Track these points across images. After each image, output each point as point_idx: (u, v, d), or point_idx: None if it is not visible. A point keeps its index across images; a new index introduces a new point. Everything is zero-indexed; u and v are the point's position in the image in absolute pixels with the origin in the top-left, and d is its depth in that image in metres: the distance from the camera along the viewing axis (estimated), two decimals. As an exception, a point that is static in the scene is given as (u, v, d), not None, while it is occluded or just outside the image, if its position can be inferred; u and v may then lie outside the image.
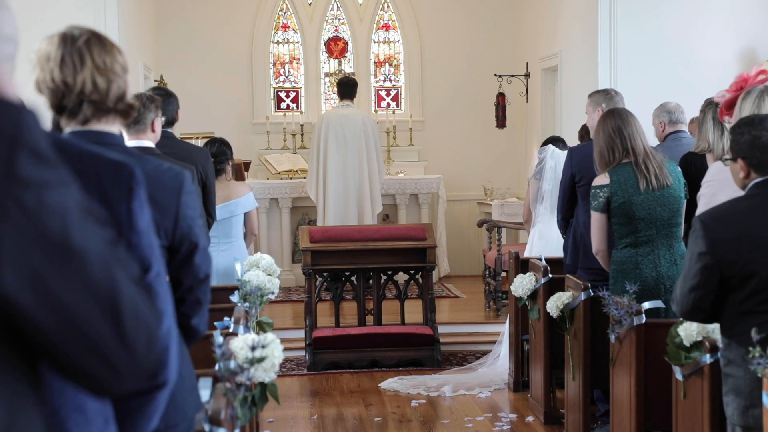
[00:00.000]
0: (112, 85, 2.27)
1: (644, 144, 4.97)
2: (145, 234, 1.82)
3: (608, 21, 8.42)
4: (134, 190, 1.80)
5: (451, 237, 11.24)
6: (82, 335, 1.26)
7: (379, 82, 11.93)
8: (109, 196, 1.76)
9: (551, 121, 10.20)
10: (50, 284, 1.23)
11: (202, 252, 2.71)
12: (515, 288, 6.13)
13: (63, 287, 1.24)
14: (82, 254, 1.26)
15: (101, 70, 2.24)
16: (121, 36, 7.90)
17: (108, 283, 1.28)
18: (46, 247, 1.23)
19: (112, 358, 1.29)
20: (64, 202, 1.26)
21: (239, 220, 6.24)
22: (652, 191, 4.89)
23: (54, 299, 1.24)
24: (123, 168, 1.80)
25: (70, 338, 1.26)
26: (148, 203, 1.86)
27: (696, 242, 3.25)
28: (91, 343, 1.27)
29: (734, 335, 3.23)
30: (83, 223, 1.28)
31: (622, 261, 4.94)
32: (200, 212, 2.82)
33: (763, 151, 3.24)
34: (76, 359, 1.27)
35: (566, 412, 5.63)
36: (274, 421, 6.20)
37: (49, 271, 1.23)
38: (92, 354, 1.27)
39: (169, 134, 5.54)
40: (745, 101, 4.04)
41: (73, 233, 1.26)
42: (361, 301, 8.00)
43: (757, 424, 3.15)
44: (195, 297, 2.69)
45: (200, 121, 10.81)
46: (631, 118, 4.99)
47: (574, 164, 5.66)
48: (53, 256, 1.24)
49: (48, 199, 1.24)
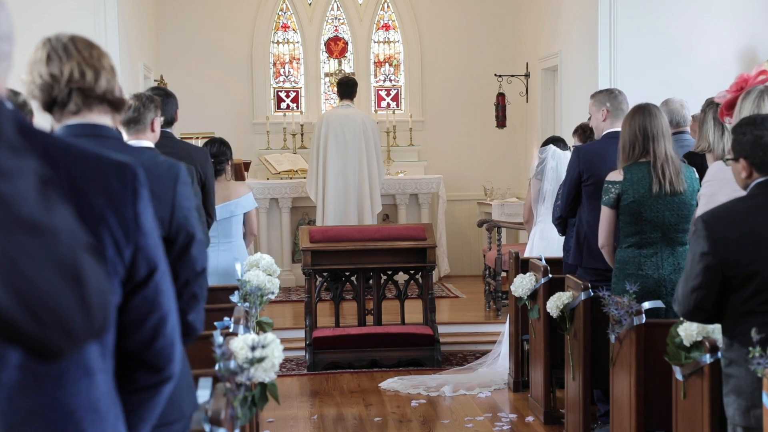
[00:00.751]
0: (100, 75, 2.29)
1: (666, 147, 4.90)
2: (150, 234, 1.84)
3: (608, 21, 8.42)
4: (139, 192, 1.81)
5: (451, 237, 11.24)
6: (46, 306, 1.30)
7: (379, 82, 11.93)
8: (116, 198, 1.77)
9: (551, 121, 10.20)
10: (19, 263, 1.28)
11: (199, 244, 2.72)
12: (515, 288, 6.13)
13: (30, 265, 1.28)
14: (49, 230, 1.32)
15: (87, 60, 2.26)
16: (121, 36, 7.90)
17: (71, 255, 1.34)
18: (15, 228, 1.28)
19: (72, 326, 1.33)
20: (28, 187, 1.31)
21: (239, 220, 6.24)
22: (664, 196, 4.87)
23: (21, 276, 1.28)
24: (127, 169, 1.81)
25: (33, 312, 1.29)
26: (151, 202, 1.87)
27: (698, 242, 3.24)
28: (54, 312, 1.31)
29: (736, 336, 3.23)
30: (45, 202, 1.34)
31: (625, 261, 4.93)
32: (195, 205, 2.83)
33: (765, 151, 3.24)
34: (35, 330, 1.30)
35: (566, 412, 5.63)
36: (274, 421, 6.20)
37: (17, 251, 1.27)
38: (54, 324, 1.31)
39: (168, 134, 5.54)
40: (745, 101, 4.04)
41: (39, 212, 1.32)
42: (361, 301, 8.00)
43: (759, 425, 3.14)
44: (192, 291, 2.68)
45: (200, 121, 10.81)
46: (659, 119, 4.91)
47: (581, 163, 5.58)
48: (22, 236, 1.28)
49: (18, 186, 1.30)
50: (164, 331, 1.86)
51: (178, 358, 1.93)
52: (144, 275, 1.82)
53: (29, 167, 1.34)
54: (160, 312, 1.85)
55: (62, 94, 2.31)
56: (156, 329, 1.85)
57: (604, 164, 5.47)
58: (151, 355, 1.86)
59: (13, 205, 1.29)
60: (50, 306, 1.30)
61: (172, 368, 1.90)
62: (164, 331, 1.86)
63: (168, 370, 1.90)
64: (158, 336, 1.85)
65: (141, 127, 3.66)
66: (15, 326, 1.28)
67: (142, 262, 1.81)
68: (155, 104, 3.85)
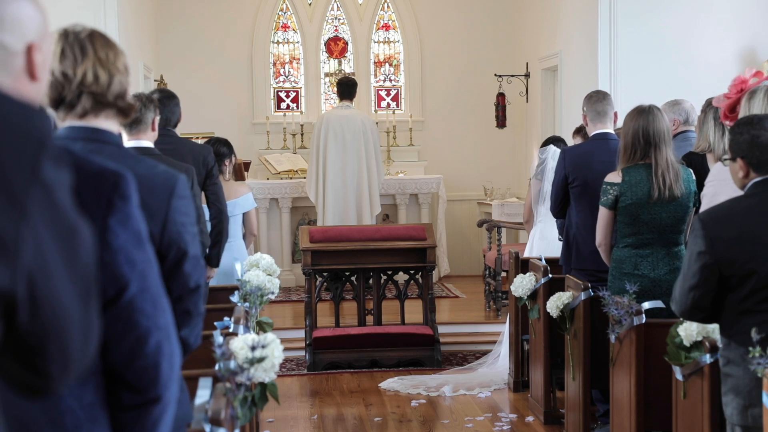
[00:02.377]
0: (114, 79, 2.22)
1: (667, 153, 4.88)
2: (120, 251, 1.74)
3: (608, 21, 8.42)
4: (114, 204, 1.73)
5: (451, 237, 11.24)
6: (60, 319, 1.30)
7: (379, 82, 11.93)
8: (86, 209, 1.62)
9: (551, 121, 10.19)
10: (53, 281, 1.28)
11: (192, 260, 2.56)
12: (515, 288, 6.13)
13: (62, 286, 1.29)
14: (81, 250, 1.34)
15: (103, 62, 2.19)
16: (121, 36, 7.90)
17: (89, 272, 1.36)
18: (57, 244, 1.29)
19: (71, 353, 1.33)
20: (67, 202, 1.34)
21: (237, 220, 6.24)
22: (662, 201, 4.88)
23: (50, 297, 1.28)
24: (105, 179, 1.72)
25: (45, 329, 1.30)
26: (137, 215, 1.78)
27: (695, 241, 3.25)
28: (63, 330, 1.31)
29: (733, 335, 3.23)
30: (76, 215, 1.36)
31: (621, 260, 4.94)
32: (192, 220, 2.66)
33: (762, 151, 3.24)
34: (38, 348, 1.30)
35: (566, 412, 5.63)
36: (274, 421, 6.20)
37: (56, 264, 1.28)
38: (58, 346, 1.31)
39: (171, 132, 5.56)
40: (753, 101, 4.01)
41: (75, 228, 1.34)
42: (361, 301, 8.00)
43: (757, 424, 3.14)
44: (184, 308, 2.55)
45: (200, 121, 10.80)
46: (660, 122, 4.89)
47: (567, 165, 5.68)
48: (62, 252, 1.29)
49: (59, 198, 1.31)
50: (143, 351, 1.77)
51: (167, 381, 1.83)
52: (112, 294, 1.74)
53: (66, 180, 1.35)
54: (137, 332, 1.76)
55: (72, 95, 2.25)
56: (133, 349, 1.77)
57: (590, 165, 5.53)
58: (132, 375, 1.78)
59: (61, 217, 1.30)
60: (63, 318, 1.29)
61: (156, 390, 1.80)
62: (143, 352, 1.77)
63: (152, 391, 1.80)
64: (136, 356, 1.77)
65: (142, 126, 3.67)
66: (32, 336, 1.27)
67: (107, 279, 1.72)
68: (155, 104, 3.87)
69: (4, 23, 1.49)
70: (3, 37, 1.49)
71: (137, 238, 1.78)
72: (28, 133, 1.29)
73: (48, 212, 1.28)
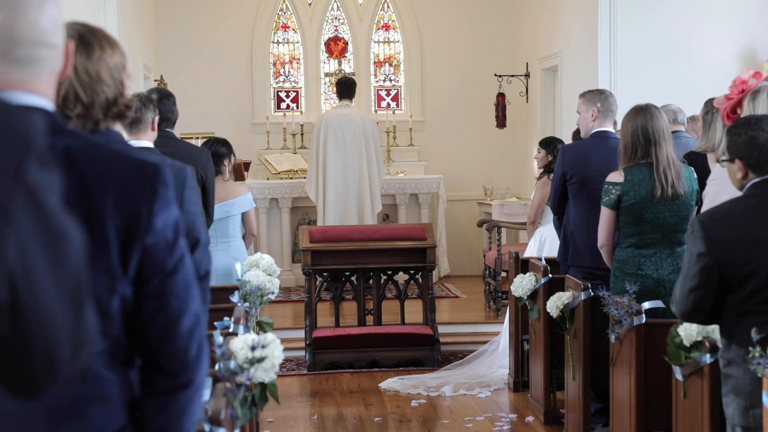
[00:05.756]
0: (98, 98, 2.07)
1: (668, 151, 4.88)
2: (162, 234, 1.80)
3: (608, 21, 8.42)
4: (158, 191, 1.78)
5: (451, 237, 11.24)
6: (44, 324, 1.28)
7: (379, 82, 11.93)
8: (128, 197, 1.74)
9: (551, 121, 10.19)
10: (35, 283, 1.26)
11: (203, 248, 2.69)
12: (515, 288, 6.13)
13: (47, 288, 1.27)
14: (67, 251, 1.31)
15: (84, 83, 2.04)
16: (121, 36, 7.90)
17: (79, 277, 1.33)
18: (42, 248, 1.26)
19: (58, 358, 1.31)
20: (55, 205, 1.31)
21: (236, 220, 6.23)
22: (666, 200, 4.87)
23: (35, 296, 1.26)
24: (147, 168, 1.78)
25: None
26: (174, 203, 1.83)
27: (695, 243, 3.24)
28: (48, 336, 1.29)
29: (734, 336, 3.23)
30: (65, 219, 1.33)
31: (624, 260, 4.94)
32: (200, 209, 2.80)
33: (761, 151, 3.24)
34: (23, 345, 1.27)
35: (566, 412, 5.63)
36: (274, 421, 6.20)
37: (40, 269, 1.26)
38: (42, 348, 1.29)
39: (170, 134, 5.54)
40: (756, 101, 4.01)
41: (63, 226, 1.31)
42: (361, 301, 8.00)
43: (758, 425, 3.14)
44: None
45: (200, 121, 10.81)
46: (659, 120, 4.88)
47: (565, 162, 5.68)
48: (49, 257, 1.27)
49: (45, 201, 1.28)
50: (175, 333, 1.82)
51: (197, 366, 1.87)
52: (149, 274, 1.79)
53: (55, 182, 1.33)
54: (168, 313, 1.81)
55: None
56: (165, 331, 1.81)
57: (589, 163, 5.53)
58: (163, 358, 1.82)
59: (45, 217, 1.28)
60: (47, 325, 1.27)
61: (188, 375, 1.84)
62: (175, 334, 1.82)
63: (183, 375, 1.84)
64: (168, 338, 1.82)
65: (142, 126, 3.67)
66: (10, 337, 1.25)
67: (148, 261, 1.78)
68: (153, 104, 3.87)
69: (51, 26, 1.52)
70: (54, 39, 1.52)
71: (177, 225, 1.85)
72: (13, 133, 1.26)
73: (34, 215, 1.25)
